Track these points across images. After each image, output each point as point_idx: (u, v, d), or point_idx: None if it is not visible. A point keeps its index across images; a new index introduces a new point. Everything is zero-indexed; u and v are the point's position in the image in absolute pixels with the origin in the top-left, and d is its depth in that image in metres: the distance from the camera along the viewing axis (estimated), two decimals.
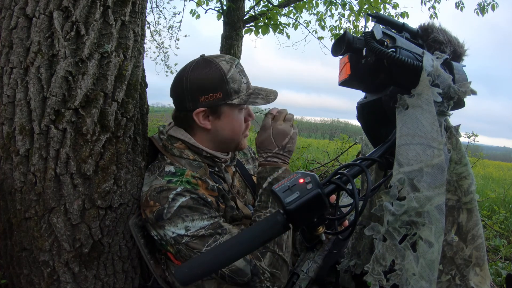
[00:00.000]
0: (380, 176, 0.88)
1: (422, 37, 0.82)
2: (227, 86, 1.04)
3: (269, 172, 1.07)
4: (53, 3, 0.93)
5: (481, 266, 0.72)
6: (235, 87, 1.05)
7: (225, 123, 1.08)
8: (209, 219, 0.96)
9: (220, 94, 1.04)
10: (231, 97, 1.05)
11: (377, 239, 0.67)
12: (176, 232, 0.94)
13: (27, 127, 0.95)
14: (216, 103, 1.04)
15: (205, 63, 1.06)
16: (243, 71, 1.11)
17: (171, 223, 0.94)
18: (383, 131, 0.79)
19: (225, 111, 1.07)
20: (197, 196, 0.98)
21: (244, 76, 1.09)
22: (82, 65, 0.96)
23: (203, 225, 0.95)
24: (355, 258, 0.97)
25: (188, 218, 0.94)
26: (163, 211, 0.95)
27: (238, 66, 1.08)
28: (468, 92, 0.71)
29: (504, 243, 2.82)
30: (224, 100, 1.04)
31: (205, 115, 1.06)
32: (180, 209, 0.95)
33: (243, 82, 1.07)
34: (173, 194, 0.96)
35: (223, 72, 1.04)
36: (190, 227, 0.94)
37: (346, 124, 62.89)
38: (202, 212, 0.96)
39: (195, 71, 1.05)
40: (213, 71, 1.04)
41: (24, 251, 1.02)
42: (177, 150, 1.08)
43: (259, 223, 0.69)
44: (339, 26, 5.83)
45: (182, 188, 0.98)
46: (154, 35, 7.35)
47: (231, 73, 1.05)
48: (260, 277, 0.96)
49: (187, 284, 0.66)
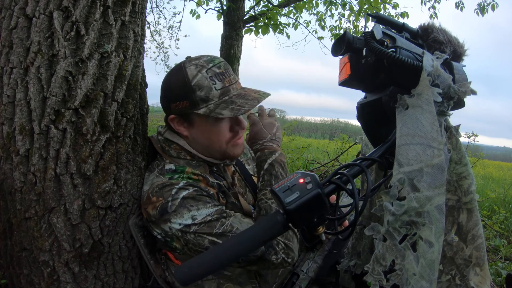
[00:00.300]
0: (380, 176, 0.88)
1: (422, 37, 0.82)
2: (192, 94, 0.98)
3: (267, 155, 1.11)
4: (53, 3, 0.93)
5: (481, 266, 0.72)
6: (201, 95, 0.98)
7: (200, 132, 1.04)
8: (213, 207, 0.96)
9: (187, 102, 0.99)
10: (198, 106, 0.98)
11: (377, 239, 0.67)
12: (183, 223, 0.93)
13: (27, 127, 0.95)
14: (185, 111, 1.01)
15: (176, 69, 1.02)
16: (223, 73, 1.01)
17: (177, 214, 0.93)
18: (383, 131, 0.79)
19: (196, 121, 1.03)
20: (199, 188, 0.98)
21: (219, 80, 1.00)
22: (82, 65, 0.96)
23: (209, 212, 0.94)
24: (355, 258, 0.97)
25: (193, 207, 0.94)
26: (167, 204, 0.94)
27: (212, 70, 0.99)
28: (468, 92, 0.71)
29: (504, 243, 2.82)
30: (192, 109, 0.99)
31: (179, 122, 1.05)
32: (184, 200, 0.94)
33: (215, 87, 0.99)
34: (176, 188, 0.96)
35: (187, 78, 0.98)
36: (197, 215, 0.93)
37: (346, 124, 62.91)
38: (205, 202, 0.96)
39: (167, 77, 1.04)
40: (178, 78, 1.00)
41: (24, 251, 1.02)
42: (174, 152, 1.08)
43: (259, 223, 0.69)
44: (339, 26, 5.84)
45: (185, 182, 0.97)
46: (154, 35, 7.36)
47: (197, 79, 0.98)
48: (275, 247, 0.94)
49: (187, 284, 0.66)
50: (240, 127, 1.07)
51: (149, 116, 1.21)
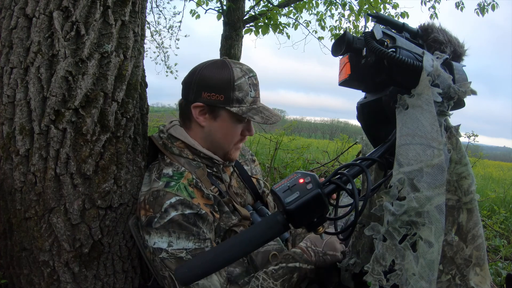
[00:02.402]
0: (380, 176, 0.88)
1: (422, 37, 0.82)
2: (231, 92, 1.03)
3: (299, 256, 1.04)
4: (53, 3, 0.93)
5: (481, 266, 0.72)
6: (239, 95, 1.04)
7: (219, 127, 1.08)
8: (194, 242, 0.95)
9: (222, 97, 1.03)
10: (231, 104, 1.04)
11: (377, 239, 0.67)
12: (157, 245, 0.94)
13: (27, 127, 0.95)
14: (216, 104, 1.04)
15: (221, 64, 1.07)
16: (256, 85, 1.10)
17: (157, 233, 0.94)
18: (383, 131, 0.79)
19: (223, 116, 1.06)
20: (190, 212, 0.96)
21: (254, 90, 1.08)
22: (82, 65, 0.96)
23: (187, 246, 0.94)
24: (354, 257, 0.97)
25: (174, 234, 0.94)
26: (154, 219, 0.95)
27: (251, 79, 1.08)
28: (468, 92, 0.71)
29: (504, 243, 2.82)
30: (224, 104, 1.04)
31: (202, 111, 1.07)
32: (170, 223, 0.94)
33: (250, 95, 1.07)
34: (167, 204, 0.95)
35: (233, 77, 1.04)
36: (174, 243, 0.94)
37: (346, 124, 62.90)
38: (190, 232, 0.95)
39: (209, 68, 1.07)
40: (224, 73, 1.04)
41: (24, 251, 1.02)
42: (176, 149, 1.08)
43: (259, 223, 0.69)
44: (339, 26, 5.83)
45: (177, 199, 0.96)
46: (154, 35, 7.36)
47: (241, 81, 1.05)
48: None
49: (187, 284, 0.66)
50: (249, 133, 1.14)
51: (149, 116, 1.21)
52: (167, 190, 0.98)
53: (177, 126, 1.13)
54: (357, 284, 1.02)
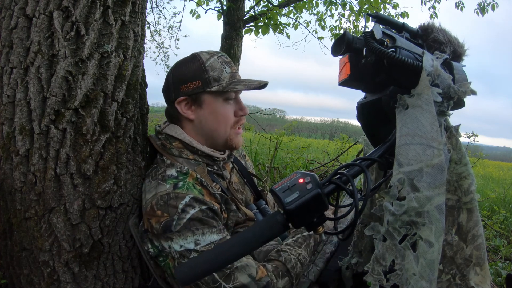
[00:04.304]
0: (380, 176, 0.88)
1: (422, 37, 0.82)
2: (205, 74, 1.05)
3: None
4: (53, 3, 0.93)
5: (481, 265, 0.72)
6: (214, 75, 1.05)
7: (208, 113, 1.08)
8: (218, 233, 0.95)
9: (199, 82, 1.05)
10: (210, 85, 1.05)
11: (377, 239, 0.67)
12: (184, 246, 0.91)
13: (27, 127, 0.95)
14: (195, 91, 1.06)
15: (190, 57, 1.10)
16: (229, 62, 1.11)
17: (180, 236, 0.91)
18: (383, 131, 0.79)
19: (207, 100, 1.07)
20: (206, 207, 0.96)
21: (228, 67, 1.09)
22: (82, 65, 0.96)
23: (213, 239, 0.93)
24: (356, 256, 0.97)
25: (198, 231, 0.92)
26: (172, 222, 0.91)
27: (221, 57, 1.10)
28: (468, 92, 0.71)
29: (504, 243, 2.82)
30: (203, 88, 1.05)
31: (187, 104, 1.08)
32: (190, 222, 0.92)
33: (226, 71, 1.08)
34: (183, 204, 0.93)
35: (202, 61, 1.06)
36: (200, 240, 0.92)
37: (346, 124, 62.90)
38: (211, 225, 0.94)
39: (180, 64, 1.11)
40: (193, 62, 1.07)
41: (24, 251, 1.02)
42: (176, 150, 1.08)
43: (259, 223, 0.69)
44: (339, 26, 5.83)
45: (191, 197, 0.95)
46: (154, 35, 7.35)
47: (210, 61, 1.07)
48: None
49: (188, 284, 0.66)
50: (243, 112, 1.13)
51: (149, 116, 1.21)
52: (177, 191, 0.96)
53: (172, 125, 1.13)
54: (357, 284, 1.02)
